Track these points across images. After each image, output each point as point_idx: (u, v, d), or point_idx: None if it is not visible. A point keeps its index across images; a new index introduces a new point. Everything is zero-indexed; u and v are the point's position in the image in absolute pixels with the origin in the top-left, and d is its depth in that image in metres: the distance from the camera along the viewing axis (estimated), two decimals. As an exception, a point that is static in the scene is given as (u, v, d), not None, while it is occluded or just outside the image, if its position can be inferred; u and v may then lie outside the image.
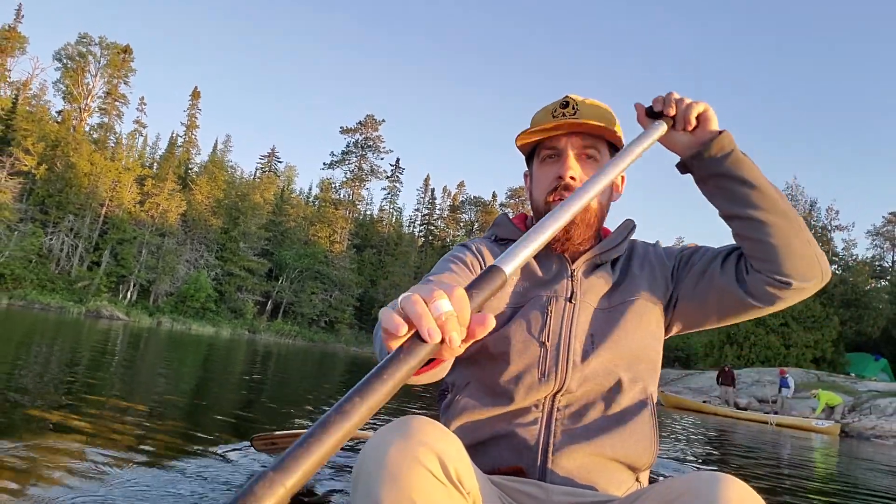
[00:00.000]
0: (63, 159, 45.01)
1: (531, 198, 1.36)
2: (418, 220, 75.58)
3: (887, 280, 41.48)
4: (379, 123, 67.78)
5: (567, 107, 1.26)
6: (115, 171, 46.11)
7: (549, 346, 1.19)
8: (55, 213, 43.76)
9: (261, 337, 46.91)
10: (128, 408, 4.23)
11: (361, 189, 67.99)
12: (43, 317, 24.99)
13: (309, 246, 57.91)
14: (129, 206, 46.78)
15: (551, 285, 1.26)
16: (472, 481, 0.85)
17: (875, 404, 20.78)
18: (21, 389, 4.49)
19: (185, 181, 53.39)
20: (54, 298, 39.16)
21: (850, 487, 5.57)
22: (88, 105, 56.80)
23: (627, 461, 1.16)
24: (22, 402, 3.91)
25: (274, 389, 8.02)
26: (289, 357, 20.11)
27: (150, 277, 46.27)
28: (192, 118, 60.42)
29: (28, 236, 40.85)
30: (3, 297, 37.05)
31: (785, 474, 5.84)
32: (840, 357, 30.37)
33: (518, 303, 1.25)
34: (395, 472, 0.79)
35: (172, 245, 47.69)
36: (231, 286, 51.06)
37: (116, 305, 41.95)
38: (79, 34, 62.60)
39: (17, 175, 42.63)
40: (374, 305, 60.15)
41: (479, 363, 1.25)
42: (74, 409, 3.86)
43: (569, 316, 1.22)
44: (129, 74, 58.86)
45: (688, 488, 0.82)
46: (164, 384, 6.63)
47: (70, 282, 42.73)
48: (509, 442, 1.16)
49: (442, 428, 0.85)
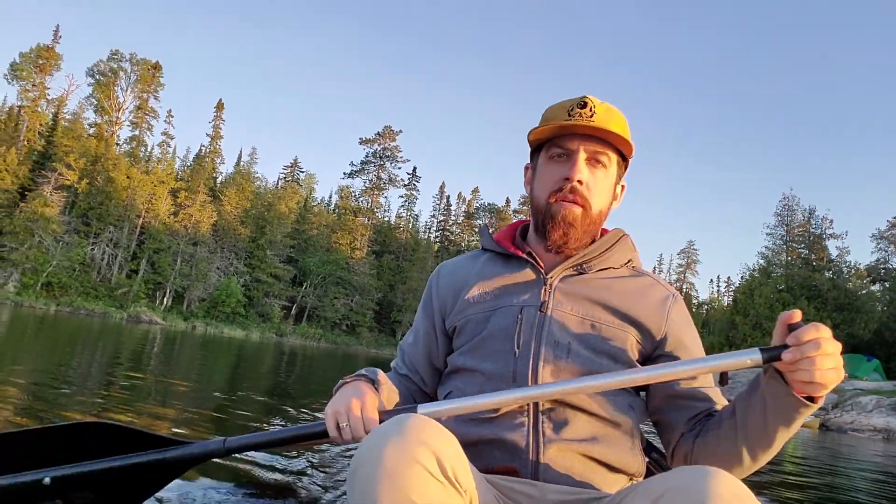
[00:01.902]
0: (103, 174, 47.94)
1: (531, 193, 1.32)
2: (434, 227, 77.93)
3: (887, 284, 42.84)
4: (396, 134, 70.38)
5: (584, 108, 1.20)
6: (151, 184, 48.94)
7: (520, 355, 1.17)
8: (96, 224, 46.66)
9: (287, 340, 49.37)
10: (159, 402, 4.43)
11: (380, 197, 70.74)
12: (88, 322, 26.20)
13: (331, 253, 60.42)
14: (164, 217, 49.63)
15: (523, 293, 1.25)
16: (469, 480, 0.86)
17: (857, 401, 22.35)
18: (70, 382, 4.88)
19: (215, 192, 56.20)
20: (98, 305, 41.98)
21: (827, 470, 6.20)
22: (119, 118, 59.83)
23: (616, 465, 1.14)
24: (70, 393, 4.22)
25: (300, 385, 8.66)
26: (314, 359, 21.00)
27: (184, 284, 49.06)
28: (217, 129, 62.79)
29: (74, 247, 43.79)
30: (51, 303, 39.91)
31: (774, 463, 6.41)
32: (832, 358, 32.38)
33: (487, 314, 1.25)
34: (393, 471, 0.79)
35: (204, 253, 50.46)
36: (259, 292, 53.74)
37: (154, 311, 44.77)
38: (110, 51, 65.68)
39: (60, 189, 45.56)
40: (392, 309, 62.66)
41: (458, 375, 1.27)
42: (115, 400, 4.10)
43: (539, 324, 1.19)
44: (159, 89, 61.91)
45: (677, 483, 0.82)
46: (196, 379, 7.18)
47: (111, 289, 45.58)
48: (500, 445, 1.15)
49: (439, 426, 0.86)
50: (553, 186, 1.24)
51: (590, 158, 1.23)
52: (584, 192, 1.22)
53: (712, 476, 0.80)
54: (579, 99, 1.23)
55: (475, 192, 79.01)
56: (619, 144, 1.24)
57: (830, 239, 38.39)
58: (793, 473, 5.27)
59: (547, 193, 1.25)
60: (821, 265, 36.48)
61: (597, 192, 1.24)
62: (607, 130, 1.19)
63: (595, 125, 1.19)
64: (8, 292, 39.53)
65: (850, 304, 34.18)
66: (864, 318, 34.08)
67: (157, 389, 5.39)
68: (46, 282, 41.70)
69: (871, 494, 4.57)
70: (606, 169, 1.25)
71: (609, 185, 1.27)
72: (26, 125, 50.41)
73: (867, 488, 5.04)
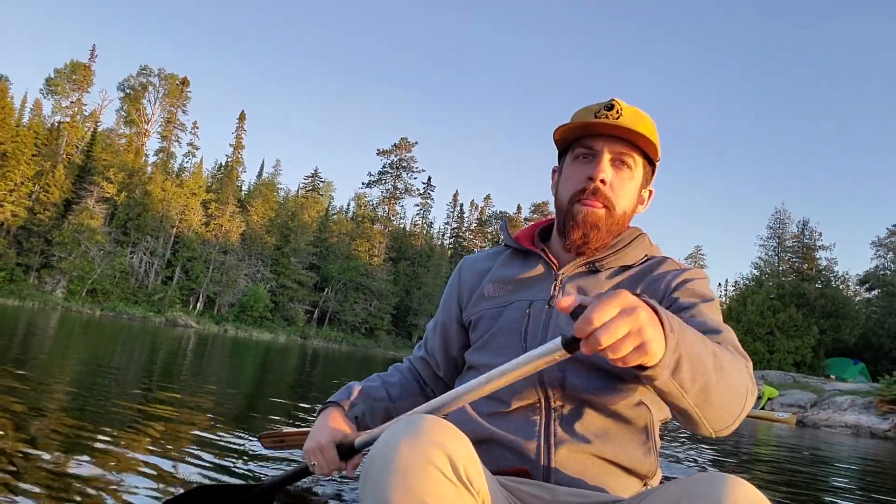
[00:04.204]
0: (140, 187, 51.36)
1: (556, 195, 1.30)
2: (448, 234, 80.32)
3: (886, 289, 44.67)
4: (412, 145, 73.45)
5: (611, 109, 1.19)
6: (184, 196, 52.29)
7: (528, 349, 1.08)
8: (134, 234, 50.01)
9: (311, 342, 52.02)
10: (190, 398, 4.50)
11: (396, 206, 73.81)
12: (129, 325, 27.62)
13: (351, 260, 63.36)
14: (197, 227, 52.98)
15: (533, 289, 1.25)
16: (481, 481, 0.85)
17: (833, 401, 23.86)
18: (117, 379, 5.15)
19: (242, 203, 59.48)
20: (138, 309, 45.30)
21: (802, 459, 6.82)
22: (148, 130, 63.10)
23: (628, 465, 1.12)
24: (114, 389, 4.40)
25: (322, 380, 9.16)
26: (335, 360, 21.61)
27: (215, 290, 52.29)
28: (239, 139, 65.18)
29: (116, 256, 47.16)
30: (96, 308, 43.27)
31: (753, 453, 7.02)
32: (819, 361, 34.99)
33: (500, 309, 1.26)
34: (406, 471, 0.78)
35: (234, 261, 53.65)
36: (284, 297, 56.89)
37: (189, 315, 48.12)
38: (140, 66, 69.14)
39: (101, 202, 48.91)
40: (408, 313, 65.53)
41: (473, 370, 1.27)
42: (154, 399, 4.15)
43: (547, 318, 1.19)
44: (186, 103, 65.09)
45: (692, 490, 0.81)
46: (234, 376, 7.69)
47: (148, 294, 48.95)
48: (511, 445, 1.14)
49: (451, 427, 0.86)
50: (577, 187, 1.23)
51: (614, 159, 1.22)
52: (608, 192, 1.21)
53: (728, 483, 0.79)
54: (607, 102, 1.22)
55: (487, 200, 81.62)
56: (644, 147, 1.22)
57: (820, 250, 41.02)
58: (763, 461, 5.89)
59: (570, 193, 1.24)
60: (810, 275, 39.05)
61: (621, 193, 1.23)
62: (632, 131, 1.18)
63: (620, 125, 1.18)
64: (57, 298, 42.91)
65: (838, 310, 36.75)
66: (850, 325, 36.62)
67: (202, 385, 5.75)
68: (91, 288, 45.11)
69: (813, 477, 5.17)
70: (632, 171, 1.23)
71: (634, 188, 1.25)
72: (66, 140, 53.74)
73: (813, 472, 5.64)
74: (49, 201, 46.35)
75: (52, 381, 4.47)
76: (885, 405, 20.89)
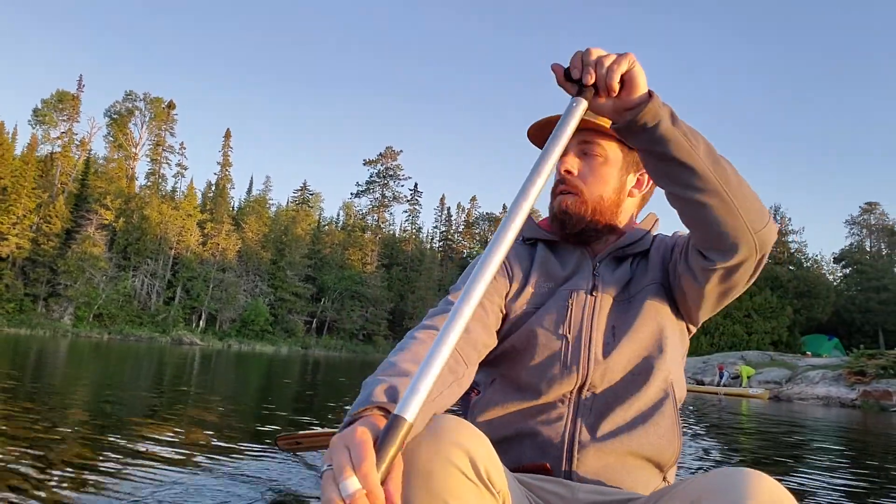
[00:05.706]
0: (137, 212, 52.82)
1: None
2: (437, 237, 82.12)
3: (855, 267, 46.67)
4: (397, 154, 75.49)
5: None
6: (180, 218, 53.79)
7: (571, 339, 1.17)
8: (135, 258, 51.48)
9: (312, 351, 54.17)
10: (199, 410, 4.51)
11: (385, 213, 75.52)
12: (136, 347, 28.80)
13: (345, 269, 65.06)
14: (194, 247, 54.52)
15: (572, 279, 1.25)
16: (501, 481, 0.84)
17: (805, 375, 26.07)
18: (127, 397, 5.19)
19: (236, 220, 60.95)
20: (143, 331, 46.91)
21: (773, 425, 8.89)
22: (136, 154, 64.23)
23: (653, 458, 1.13)
24: (126, 406, 4.56)
25: (325, 387, 9.76)
26: (336, 367, 22.01)
27: (216, 307, 53.86)
28: (226, 157, 66.88)
29: (119, 281, 48.60)
30: (103, 332, 44.79)
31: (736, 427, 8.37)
32: (795, 339, 37.21)
33: (541, 299, 1.24)
34: (427, 472, 0.78)
35: (232, 278, 55.20)
36: (283, 309, 58.56)
37: (192, 332, 49.69)
38: (125, 92, 70.08)
39: (100, 229, 50.29)
40: (404, 317, 67.30)
41: (505, 360, 1.24)
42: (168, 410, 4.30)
43: (590, 308, 1.20)
44: (173, 125, 66.19)
45: (714, 485, 0.81)
46: (246, 385, 8.02)
47: (152, 315, 50.47)
48: (534, 439, 1.13)
49: (472, 427, 0.85)
50: (553, 181, 1.28)
51: (580, 150, 1.25)
52: (575, 181, 1.24)
53: (750, 478, 0.79)
54: None
55: (473, 202, 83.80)
56: (610, 131, 1.22)
57: (790, 234, 43.34)
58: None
59: (550, 189, 1.29)
60: (782, 258, 41.33)
61: (591, 179, 1.25)
62: (591, 122, 1.20)
63: None
64: (66, 325, 44.37)
65: (809, 290, 39.10)
66: (822, 303, 38.99)
67: (209, 398, 5.80)
68: (98, 313, 46.57)
69: None
70: (602, 157, 1.24)
71: (609, 173, 1.26)
72: (59, 170, 54.94)
73: None
74: (52, 232, 47.76)
75: (67, 402, 4.57)
76: (853, 377, 23.03)
